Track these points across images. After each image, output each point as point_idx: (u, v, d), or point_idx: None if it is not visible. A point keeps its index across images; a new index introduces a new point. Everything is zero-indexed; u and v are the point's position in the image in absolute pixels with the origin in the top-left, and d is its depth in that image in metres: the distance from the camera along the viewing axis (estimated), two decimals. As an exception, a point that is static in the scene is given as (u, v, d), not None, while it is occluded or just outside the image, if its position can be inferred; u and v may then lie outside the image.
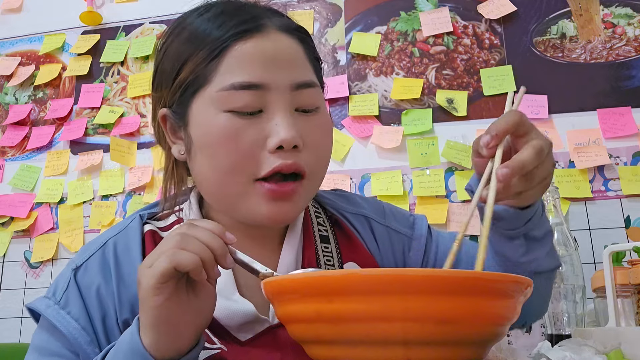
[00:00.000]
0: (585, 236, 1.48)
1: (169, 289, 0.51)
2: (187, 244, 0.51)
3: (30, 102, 1.96)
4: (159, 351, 0.52)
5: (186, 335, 0.53)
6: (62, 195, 1.82)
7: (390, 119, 1.69)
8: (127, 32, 1.96)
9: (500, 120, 0.58)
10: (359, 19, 1.80)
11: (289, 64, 0.65)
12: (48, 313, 0.63)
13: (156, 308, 0.51)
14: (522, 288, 0.47)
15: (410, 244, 0.81)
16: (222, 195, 0.66)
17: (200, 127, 0.64)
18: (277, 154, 0.62)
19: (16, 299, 1.75)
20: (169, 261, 0.50)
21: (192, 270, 0.51)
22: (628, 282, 0.92)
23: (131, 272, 0.65)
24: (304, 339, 0.49)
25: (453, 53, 1.70)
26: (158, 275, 0.50)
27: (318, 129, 0.67)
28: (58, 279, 0.67)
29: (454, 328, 0.43)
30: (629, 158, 1.52)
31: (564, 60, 1.63)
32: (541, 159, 0.57)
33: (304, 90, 0.65)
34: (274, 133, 0.62)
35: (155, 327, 0.52)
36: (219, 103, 0.63)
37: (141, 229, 0.70)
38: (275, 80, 0.63)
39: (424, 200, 1.59)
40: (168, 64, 0.67)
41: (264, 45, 0.64)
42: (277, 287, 0.49)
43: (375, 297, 0.42)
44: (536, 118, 1.59)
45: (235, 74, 0.62)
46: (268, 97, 0.63)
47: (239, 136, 0.62)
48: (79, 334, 0.62)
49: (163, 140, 0.72)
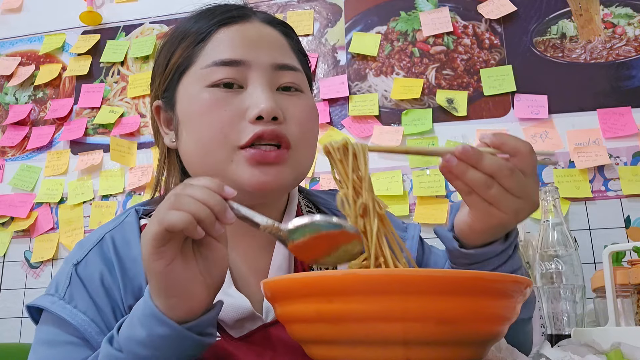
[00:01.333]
0: (585, 236, 1.48)
1: (169, 253, 0.50)
2: (180, 203, 0.50)
3: (30, 102, 1.96)
4: (173, 313, 0.51)
5: (198, 296, 0.52)
6: (62, 195, 1.82)
7: (390, 119, 1.69)
8: (127, 32, 1.96)
9: (511, 136, 0.57)
10: (359, 19, 1.80)
11: (271, 46, 0.69)
12: (55, 308, 0.62)
13: (160, 273, 0.50)
14: (522, 288, 0.47)
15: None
16: (207, 167, 0.66)
17: (186, 104, 0.68)
18: (257, 124, 0.64)
19: (16, 299, 1.75)
20: (160, 223, 0.49)
21: (184, 229, 0.49)
22: (628, 282, 0.92)
23: (132, 265, 0.65)
24: (304, 339, 0.49)
25: (453, 53, 1.70)
26: (151, 240, 0.49)
27: (300, 107, 0.68)
28: (58, 277, 0.67)
29: (454, 328, 0.43)
30: (629, 158, 1.52)
31: (564, 60, 1.63)
32: (502, 176, 0.55)
33: (285, 72, 0.68)
34: (253, 104, 0.64)
35: (163, 292, 0.51)
36: (203, 79, 0.66)
37: (138, 222, 0.70)
38: (256, 58, 0.67)
39: (424, 200, 1.59)
40: (161, 59, 0.72)
41: (247, 29, 0.69)
42: (277, 287, 0.49)
43: (375, 297, 0.42)
44: (536, 118, 1.59)
45: (218, 52, 0.67)
46: (249, 74, 0.66)
47: (220, 108, 0.65)
48: (88, 325, 0.61)
49: (158, 134, 0.75)
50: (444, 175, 0.59)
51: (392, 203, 1.60)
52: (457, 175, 0.56)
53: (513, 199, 0.56)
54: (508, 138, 0.57)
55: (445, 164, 0.56)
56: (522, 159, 0.56)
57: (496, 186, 0.56)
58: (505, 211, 0.57)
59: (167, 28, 1.93)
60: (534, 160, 0.57)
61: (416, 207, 1.59)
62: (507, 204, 0.57)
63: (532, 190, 0.58)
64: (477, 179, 0.56)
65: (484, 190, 0.56)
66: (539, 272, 1.14)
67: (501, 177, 0.55)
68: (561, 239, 1.14)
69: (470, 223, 0.60)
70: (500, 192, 0.56)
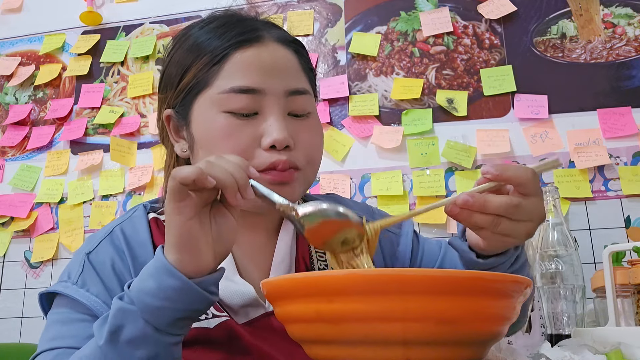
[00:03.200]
0: (585, 236, 1.48)
1: (188, 210, 0.54)
2: (211, 168, 0.54)
3: (30, 102, 1.96)
4: (183, 268, 0.54)
5: (206, 257, 0.56)
6: (62, 195, 1.82)
7: (390, 119, 1.69)
8: (127, 32, 1.96)
9: (510, 166, 0.58)
10: (359, 19, 1.80)
11: (284, 72, 0.71)
12: (68, 291, 0.65)
13: (178, 227, 0.54)
14: (522, 288, 0.47)
15: (398, 240, 0.85)
16: None
17: (201, 126, 0.71)
18: (271, 152, 0.68)
19: (16, 299, 1.75)
20: (173, 178, 0.52)
21: (196, 179, 0.52)
22: (628, 282, 0.92)
23: (142, 252, 0.69)
24: (303, 339, 0.49)
25: (453, 53, 1.70)
26: (171, 194, 0.53)
27: (309, 131, 0.73)
28: (70, 266, 0.70)
29: (454, 328, 0.43)
30: (629, 158, 1.52)
31: (564, 60, 1.63)
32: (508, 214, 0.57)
33: (297, 97, 0.71)
34: (268, 133, 0.68)
35: (177, 246, 0.54)
36: (219, 104, 0.69)
37: (146, 217, 0.74)
38: (270, 86, 0.69)
39: (424, 200, 1.59)
40: (173, 69, 0.74)
41: (261, 54, 0.71)
42: (277, 287, 0.49)
43: (375, 297, 0.42)
44: (536, 118, 1.59)
45: (235, 78, 0.69)
46: (263, 101, 0.69)
47: (236, 134, 0.68)
48: (101, 306, 0.64)
49: (166, 138, 0.78)
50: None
51: (392, 203, 1.60)
52: (464, 219, 0.59)
53: (522, 225, 0.59)
54: (508, 169, 0.57)
55: (450, 213, 0.58)
56: (526, 186, 0.58)
57: (505, 222, 0.58)
58: (517, 237, 0.60)
59: (167, 28, 1.93)
60: (537, 181, 0.58)
61: (416, 207, 1.59)
62: (518, 231, 0.59)
63: (539, 207, 0.59)
64: (484, 221, 0.58)
65: (493, 228, 0.58)
66: (539, 272, 1.14)
67: (508, 214, 0.58)
68: (561, 239, 1.14)
69: (482, 247, 0.63)
70: (510, 225, 0.58)
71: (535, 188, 0.58)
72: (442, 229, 1.56)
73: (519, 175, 0.57)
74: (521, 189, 0.58)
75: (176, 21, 1.93)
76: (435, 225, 1.56)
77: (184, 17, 1.92)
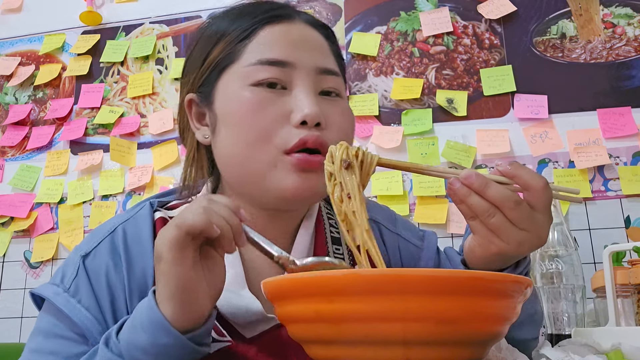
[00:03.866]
0: (585, 236, 1.48)
1: (189, 259, 0.51)
2: (211, 215, 0.51)
3: (30, 102, 1.96)
4: (178, 322, 0.52)
5: (203, 306, 0.54)
6: (62, 195, 1.82)
7: (390, 119, 1.69)
8: (127, 32, 1.96)
9: (526, 170, 0.56)
10: (359, 19, 1.80)
11: (315, 49, 0.68)
12: (57, 300, 0.61)
13: (179, 278, 0.51)
14: (522, 288, 0.47)
15: (419, 254, 0.81)
16: (248, 169, 0.65)
17: (226, 101, 0.66)
18: (301, 128, 0.63)
19: (16, 299, 1.75)
20: (179, 227, 0.50)
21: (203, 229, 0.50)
22: (628, 282, 0.92)
23: (141, 260, 0.65)
24: (303, 339, 0.49)
25: (453, 53, 1.70)
26: (175, 244, 0.50)
27: (340, 113, 0.68)
28: (65, 266, 0.66)
29: (454, 328, 0.43)
30: (629, 158, 1.52)
31: (564, 60, 1.63)
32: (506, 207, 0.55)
33: (327, 76, 0.67)
34: (298, 109, 0.63)
35: (176, 298, 0.51)
36: (246, 78, 0.65)
37: (152, 216, 0.69)
38: (300, 60, 0.65)
39: (424, 200, 1.59)
40: (199, 48, 0.70)
41: (291, 30, 0.68)
42: (277, 287, 0.49)
43: (375, 297, 0.42)
44: (536, 118, 1.59)
45: (263, 51, 0.65)
46: (293, 75, 0.65)
47: (264, 108, 0.63)
48: (91, 324, 0.61)
49: (187, 128, 0.73)
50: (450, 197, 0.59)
51: (392, 203, 1.60)
52: (460, 198, 0.56)
53: (516, 231, 0.56)
54: (522, 170, 0.56)
55: (450, 186, 0.56)
56: (534, 194, 0.55)
57: (499, 215, 0.55)
58: (507, 241, 0.56)
59: (167, 28, 1.93)
60: (547, 196, 0.56)
61: (416, 207, 1.59)
62: (509, 234, 0.56)
63: (541, 225, 0.56)
64: (480, 205, 0.55)
65: (485, 217, 0.56)
66: (539, 272, 1.14)
67: (505, 208, 0.55)
68: (561, 239, 1.14)
69: (472, 247, 0.60)
70: (503, 222, 0.55)
71: (543, 201, 0.56)
72: (442, 228, 1.56)
73: (529, 178, 0.55)
74: (529, 195, 0.56)
75: (176, 21, 1.93)
76: (435, 225, 1.56)
77: (184, 17, 1.92)
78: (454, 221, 1.56)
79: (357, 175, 0.56)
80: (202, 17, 1.91)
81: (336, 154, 0.57)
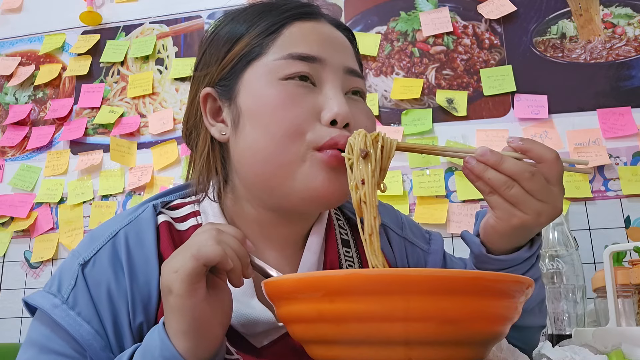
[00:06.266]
0: (585, 236, 1.48)
1: (202, 290, 0.51)
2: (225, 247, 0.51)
3: (30, 102, 1.96)
4: (194, 356, 0.51)
5: (216, 335, 0.53)
6: (62, 195, 1.82)
7: (390, 119, 1.69)
8: (127, 32, 1.96)
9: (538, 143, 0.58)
10: (359, 19, 1.80)
11: (342, 49, 0.67)
12: (55, 313, 0.58)
13: (192, 311, 0.50)
14: (523, 288, 0.47)
15: (426, 257, 0.81)
16: (275, 164, 0.62)
17: (253, 96, 0.64)
18: (332, 128, 0.61)
19: (16, 299, 1.75)
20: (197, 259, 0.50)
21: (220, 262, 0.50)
22: (628, 282, 0.92)
23: (144, 269, 0.62)
24: (305, 339, 0.49)
25: (453, 53, 1.70)
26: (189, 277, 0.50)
27: (366, 115, 0.67)
28: (62, 273, 0.62)
29: (456, 328, 0.43)
30: (629, 158, 1.52)
31: (564, 60, 1.63)
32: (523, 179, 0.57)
33: (354, 77, 0.67)
34: (328, 107, 0.62)
35: (190, 333, 0.51)
36: (275, 72, 0.63)
37: (155, 219, 0.66)
38: (330, 57, 0.65)
39: (424, 200, 1.59)
40: (218, 44, 0.68)
41: (321, 27, 0.67)
42: (278, 287, 0.49)
43: (376, 297, 0.42)
44: (536, 118, 1.59)
45: (294, 45, 0.64)
46: (323, 72, 0.64)
47: (296, 102, 0.62)
48: (94, 338, 0.58)
49: (199, 124, 0.70)
50: (465, 176, 0.60)
51: (392, 203, 1.58)
52: (477, 174, 0.58)
53: (534, 201, 0.58)
54: (534, 144, 0.58)
55: (465, 164, 0.58)
56: (547, 166, 0.57)
57: (517, 187, 0.57)
58: (527, 212, 0.58)
59: (167, 28, 1.93)
60: (559, 168, 0.58)
61: (416, 207, 1.59)
62: (528, 204, 0.58)
63: (556, 196, 0.58)
64: (498, 179, 0.57)
65: (504, 190, 0.57)
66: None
67: (522, 179, 0.57)
68: (561, 239, 1.14)
69: (493, 224, 0.61)
70: (521, 193, 0.57)
71: (556, 173, 0.58)
72: (442, 228, 1.56)
73: (542, 151, 0.57)
74: (542, 168, 0.57)
75: (176, 21, 1.93)
76: (435, 225, 1.56)
77: (184, 17, 1.92)
78: (454, 221, 1.56)
79: (373, 162, 0.57)
80: (202, 17, 1.91)
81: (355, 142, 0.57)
